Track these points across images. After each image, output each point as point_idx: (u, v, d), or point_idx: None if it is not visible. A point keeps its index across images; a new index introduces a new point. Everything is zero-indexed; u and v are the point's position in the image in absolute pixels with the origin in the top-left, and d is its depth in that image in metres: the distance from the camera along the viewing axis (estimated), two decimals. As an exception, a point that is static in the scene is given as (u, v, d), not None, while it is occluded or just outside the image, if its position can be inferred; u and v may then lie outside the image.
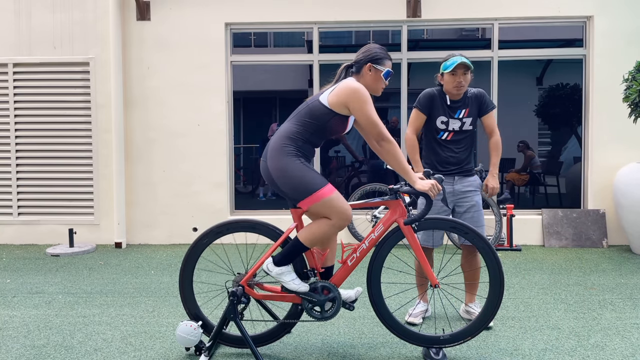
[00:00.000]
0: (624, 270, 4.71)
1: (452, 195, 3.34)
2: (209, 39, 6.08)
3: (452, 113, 3.31)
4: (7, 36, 6.11)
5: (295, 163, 2.58)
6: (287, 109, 6.32)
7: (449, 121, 3.31)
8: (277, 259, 2.68)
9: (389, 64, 2.73)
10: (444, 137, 3.33)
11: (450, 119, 3.31)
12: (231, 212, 6.29)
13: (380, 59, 2.69)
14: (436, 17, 5.97)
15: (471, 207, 3.33)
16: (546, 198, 6.25)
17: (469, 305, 3.44)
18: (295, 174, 2.56)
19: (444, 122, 3.31)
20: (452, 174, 3.34)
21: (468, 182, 3.36)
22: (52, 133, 6.17)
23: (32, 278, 4.57)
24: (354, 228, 5.98)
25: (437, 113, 3.31)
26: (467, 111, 3.32)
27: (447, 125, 3.31)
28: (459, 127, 3.31)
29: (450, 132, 3.32)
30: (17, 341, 3.10)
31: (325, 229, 2.59)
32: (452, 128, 3.31)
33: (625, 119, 5.84)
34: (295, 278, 2.68)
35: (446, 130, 3.32)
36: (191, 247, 2.86)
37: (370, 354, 2.88)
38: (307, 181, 2.55)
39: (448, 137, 3.32)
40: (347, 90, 2.57)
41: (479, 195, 3.38)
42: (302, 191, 2.56)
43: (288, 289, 2.70)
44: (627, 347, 2.95)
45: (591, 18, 5.92)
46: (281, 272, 2.67)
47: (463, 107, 3.32)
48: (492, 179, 3.42)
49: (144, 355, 2.88)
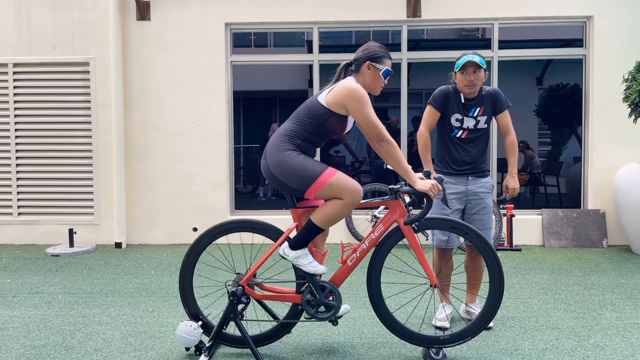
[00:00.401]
0: (624, 270, 4.71)
1: (465, 195, 3.28)
2: (209, 39, 6.08)
3: (466, 111, 3.27)
4: (7, 36, 6.11)
5: (292, 155, 2.58)
6: (287, 109, 6.32)
7: (464, 119, 3.27)
8: (292, 242, 2.68)
9: (388, 63, 2.72)
10: (459, 135, 3.28)
11: (465, 117, 3.27)
12: (231, 212, 6.29)
13: (379, 58, 2.69)
14: (436, 17, 5.98)
15: (482, 209, 3.29)
16: (546, 198, 6.25)
17: (470, 305, 3.44)
18: (294, 165, 2.56)
19: (459, 120, 3.27)
20: (466, 173, 3.29)
21: (481, 183, 3.31)
22: (52, 133, 6.17)
23: (32, 278, 4.57)
24: (354, 228, 5.98)
25: (452, 110, 3.27)
26: (482, 109, 3.28)
27: (461, 123, 3.27)
28: (473, 125, 3.27)
29: (464, 130, 3.28)
30: (17, 341, 3.10)
31: (339, 208, 2.58)
32: (467, 126, 3.27)
33: (625, 119, 5.84)
34: (313, 260, 2.68)
35: (460, 128, 3.27)
36: (191, 247, 2.86)
37: (370, 354, 2.88)
38: (307, 169, 2.55)
39: (462, 135, 3.28)
40: (345, 90, 2.56)
41: (490, 198, 3.34)
42: (304, 181, 2.55)
43: (306, 272, 2.68)
44: (627, 347, 2.95)
45: (591, 18, 5.92)
46: (297, 255, 2.67)
47: (477, 105, 3.28)
48: (512, 180, 3.35)
49: (144, 355, 2.88)
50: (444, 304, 3.37)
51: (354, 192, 2.56)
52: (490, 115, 3.33)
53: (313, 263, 2.67)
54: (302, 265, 2.67)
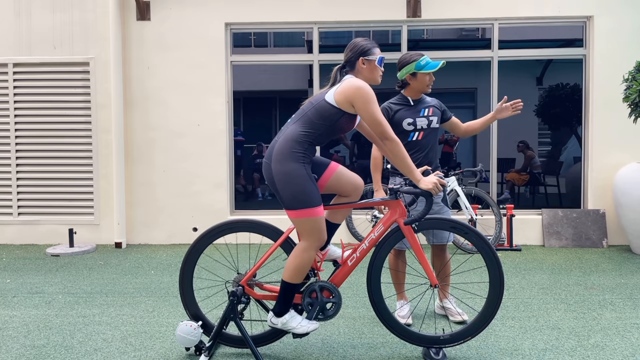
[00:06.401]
0: (624, 270, 4.71)
1: (437, 196, 3.33)
2: (209, 39, 6.08)
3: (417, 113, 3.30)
4: (7, 36, 6.11)
5: (300, 171, 2.54)
6: (287, 109, 6.32)
7: (416, 121, 3.28)
8: (276, 310, 2.68)
9: (378, 52, 2.74)
10: (415, 138, 3.30)
11: (417, 118, 3.28)
12: (231, 212, 6.29)
13: (369, 50, 2.70)
14: (436, 17, 5.98)
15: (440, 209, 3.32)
16: (546, 198, 6.25)
17: (444, 301, 3.45)
18: (298, 183, 2.53)
19: (411, 123, 3.28)
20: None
21: None
22: (52, 133, 6.17)
23: (32, 278, 4.57)
24: (354, 228, 5.98)
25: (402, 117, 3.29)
26: (432, 110, 3.33)
27: (414, 126, 3.28)
28: (426, 124, 3.30)
29: (419, 131, 3.29)
30: (17, 341, 3.10)
31: (302, 255, 2.59)
32: (421, 126, 3.29)
33: (625, 119, 5.84)
34: (302, 320, 2.68)
35: (415, 130, 3.29)
36: (191, 247, 2.86)
37: (370, 354, 2.88)
38: (306, 194, 2.53)
39: (419, 137, 3.30)
40: (352, 88, 2.56)
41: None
42: (297, 202, 2.53)
43: (298, 334, 2.68)
44: (627, 347, 2.95)
45: (591, 18, 5.92)
46: (286, 320, 2.67)
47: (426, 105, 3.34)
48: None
49: (144, 355, 2.88)
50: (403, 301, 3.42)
51: (320, 237, 2.58)
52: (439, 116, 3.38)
53: (302, 323, 2.67)
54: (293, 329, 2.67)
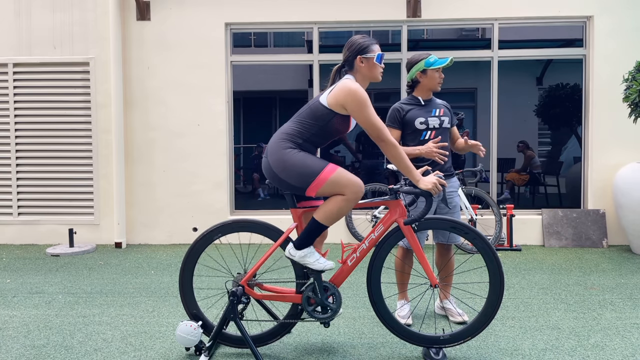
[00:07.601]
0: (624, 270, 4.71)
1: (437, 196, 3.34)
2: (209, 39, 6.08)
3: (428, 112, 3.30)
4: (7, 36, 6.11)
5: (293, 152, 2.58)
6: (287, 109, 6.32)
7: (428, 120, 3.29)
8: (297, 242, 2.68)
9: (377, 48, 2.73)
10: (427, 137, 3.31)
11: (429, 117, 3.29)
12: (231, 212, 6.29)
13: (366, 48, 2.70)
14: (436, 17, 5.98)
15: (453, 207, 3.34)
16: (546, 198, 6.25)
17: (445, 301, 3.45)
18: (294, 162, 2.56)
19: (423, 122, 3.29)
20: None
21: (449, 182, 3.37)
22: (52, 133, 6.17)
23: (32, 278, 4.57)
24: (354, 228, 5.98)
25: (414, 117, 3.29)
26: (442, 110, 3.34)
27: (427, 125, 3.29)
28: (438, 124, 3.30)
29: (432, 130, 3.30)
30: (17, 341, 3.10)
31: (341, 204, 2.58)
32: (433, 126, 3.30)
33: (625, 119, 5.84)
34: (320, 257, 2.68)
35: (427, 129, 3.30)
36: (191, 247, 2.86)
37: (370, 354, 2.88)
38: (308, 166, 2.55)
39: (431, 135, 3.31)
40: (345, 91, 2.56)
41: (458, 197, 3.40)
42: (305, 178, 2.55)
43: (314, 269, 2.68)
44: (627, 347, 2.95)
45: (591, 18, 5.92)
46: (304, 254, 2.67)
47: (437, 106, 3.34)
48: None
49: (144, 355, 2.88)
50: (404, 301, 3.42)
51: (355, 187, 2.56)
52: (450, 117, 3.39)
53: (320, 260, 2.67)
54: (309, 263, 2.66)
